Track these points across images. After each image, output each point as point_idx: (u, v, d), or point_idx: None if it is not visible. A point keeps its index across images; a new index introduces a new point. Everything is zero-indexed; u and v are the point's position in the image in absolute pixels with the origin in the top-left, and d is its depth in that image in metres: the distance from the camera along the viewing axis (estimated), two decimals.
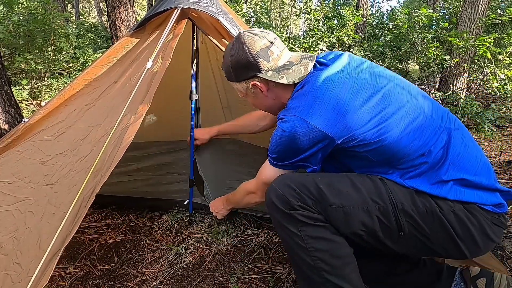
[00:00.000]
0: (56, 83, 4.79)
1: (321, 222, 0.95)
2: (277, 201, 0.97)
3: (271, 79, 1.03)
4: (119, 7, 3.97)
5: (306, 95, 0.97)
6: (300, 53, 1.09)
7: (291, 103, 1.00)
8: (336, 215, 0.93)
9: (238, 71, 1.07)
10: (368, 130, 0.92)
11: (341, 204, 0.93)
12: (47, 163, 1.13)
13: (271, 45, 1.03)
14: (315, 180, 0.97)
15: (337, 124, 0.92)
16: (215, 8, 1.34)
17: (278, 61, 1.04)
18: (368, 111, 0.93)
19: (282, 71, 1.04)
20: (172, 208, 1.85)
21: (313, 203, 0.94)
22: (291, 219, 0.96)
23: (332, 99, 0.93)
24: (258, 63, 1.02)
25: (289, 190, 0.96)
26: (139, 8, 14.49)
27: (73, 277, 1.38)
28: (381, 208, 0.92)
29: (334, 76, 0.98)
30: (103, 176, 1.00)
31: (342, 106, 0.92)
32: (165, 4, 1.34)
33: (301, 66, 1.04)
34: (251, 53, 1.01)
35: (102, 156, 1.02)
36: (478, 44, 3.91)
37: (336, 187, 0.95)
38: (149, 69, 1.18)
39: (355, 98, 0.93)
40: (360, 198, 0.94)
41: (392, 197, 0.93)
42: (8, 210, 1.04)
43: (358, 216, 0.93)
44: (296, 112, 0.95)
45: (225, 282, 1.37)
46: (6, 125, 2.52)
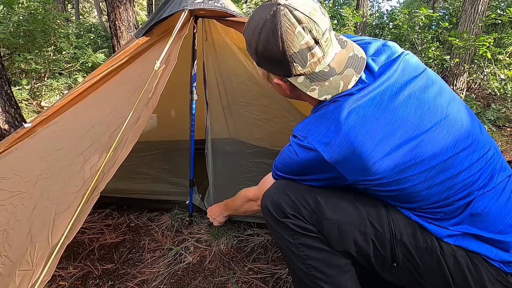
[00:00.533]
0: (56, 83, 4.79)
1: (313, 233, 0.90)
2: (272, 207, 0.94)
3: (300, 87, 0.85)
4: (119, 7, 3.98)
5: (330, 122, 0.81)
6: (348, 50, 0.85)
7: (312, 123, 0.85)
8: (330, 230, 0.88)
9: (262, 60, 0.86)
10: (388, 180, 0.81)
11: (337, 220, 0.87)
12: (46, 159, 1.14)
13: (315, 46, 0.79)
14: (315, 191, 0.92)
15: (354, 168, 0.80)
16: (219, 4, 1.35)
17: (317, 66, 0.82)
18: (394, 159, 0.78)
19: (316, 81, 0.83)
20: (172, 208, 1.85)
21: (308, 214, 0.90)
22: (284, 227, 0.92)
23: (358, 139, 0.78)
24: (290, 67, 0.81)
25: (285, 198, 0.92)
26: (139, 8, 14.49)
27: (73, 277, 1.38)
28: (378, 234, 0.86)
29: (369, 107, 0.80)
30: (106, 174, 1.00)
31: (365, 152, 0.78)
32: (170, 8, 1.35)
33: (342, 79, 0.83)
34: (286, 53, 0.79)
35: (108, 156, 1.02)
36: (478, 44, 3.91)
37: (335, 202, 0.89)
38: (156, 71, 1.19)
39: (385, 142, 0.78)
40: (358, 218, 0.87)
41: (392, 226, 0.86)
42: (3, 205, 1.04)
43: (352, 236, 0.87)
44: (314, 141, 0.82)
45: (225, 282, 1.37)
46: (6, 125, 2.52)
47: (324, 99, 0.85)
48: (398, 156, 0.78)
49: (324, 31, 0.79)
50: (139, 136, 1.07)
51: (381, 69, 0.85)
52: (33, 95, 4.52)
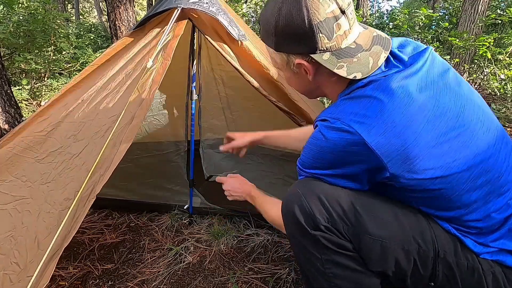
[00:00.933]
0: (56, 83, 4.79)
1: (347, 251, 0.77)
2: (300, 214, 0.78)
3: (326, 65, 0.76)
4: (119, 7, 3.98)
5: (371, 100, 0.73)
6: (371, 31, 0.80)
7: (345, 104, 0.76)
8: (371, 248, 0.76)
9: (283, 39, 0.78)
10: (430, 177, 0.72)
11: (380, 236, 0.75)
12: (43, 161, 1.13)
13: (341, 16, 0.72)
14: (351, 198, 0.78)
15: (398, 155, 0.70)
16: (215, 8, 1.34)
17: (343, 40, 0.75)
18: (438, 154, 0.71)
19: (344, 57, 0.76)
20: (172, 209, 1.85)
21: (344, 227, 0.76)
22: (312, 240, 0.78)
23: (403, 120, 0.70)
24: (316, 38, 0.73)
25: (316, 202, 0.77)
26: (139, 8, 14.50)
27: (73, 277, 1.38)
28: (421, 251, 0.76)
29: (412, 87, 0.73)
30: (102, 176, 1.00)
31: (412, 136, 0.70)
32: (165, 4, 1.34)
33: (370, 56, 0.76)
34: (311, 21, 0.71)
35: (101, 157, 1.02)
36: (478, 44, 3.91)
37: (377, 214, 0.77)
38: (149, 68, 1.18)
39: (429, 130, 0.71)
40: (403, 233, 0.76)
41: (436, 242, 0.77)
42: (5, 209, 1.04)
43: (395, 255, 0.76)
44: (350, 121, 0.72)
45: (225, 282, 1.37)
46: (6, 125, 2.52)
47: (353, 77, 0.75)
48: (443, 151, 0.71)
49: (349, 3, 0.74)
50: (134, 137, 1.07)
51: (411, 58, 0.79)
52: (33, 95, 4.52)
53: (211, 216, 1.79)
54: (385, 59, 0.77)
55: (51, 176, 1.08)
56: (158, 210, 1.86)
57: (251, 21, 9.32)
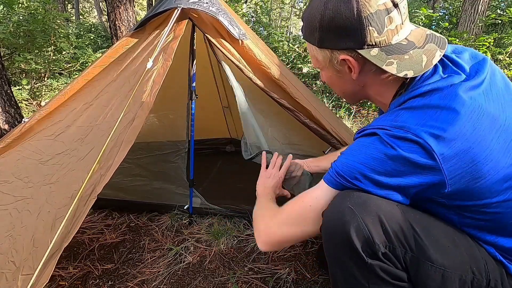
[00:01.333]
0: (56, 83, 4.79)
1: (402, 282, 0.69)
2: (357, 240, 0.67)
3: (374, 61, 0.70)
4: (119, 7, 3.98)
5: (439, 111, 0.66)
6: (424, 30, 0.74)
7: (406, 114, 0.69)
8: (430, 276, 0.67)
9: (328, 33, 0.72)
10: (495, 199, 0.67)
11: (443, 264, 0.67)
12: (47, 163, 1.14)
13: (394, 9, 0.67)
14: (408, 216, 0.69)
15: (464, 172, 0.64)
16: (215, 8, 1.34)
17: (394, 35, 0.69)
18: (507, 175, 0.65)
19: (394, 53, 0.70)
20: (172, 209, 1.85)
21: (402, 252, 0.67)
22: (365, 270, 0.69)
23: (475, 134, 0.64)
24: (365, 32, 0.68)
25: (376, 224, 0.67)
26: (139, 8, 14.50)
27: (73, 277, 1.38)
28: (475, 281, 0.69)
29: (482, 99, 0.66)
30: (103, 176, 1.00)
31: (483, 153, 0.64)
32: (165, 4, 1.34)
33: (424, 54, 0.69)
34: (361, 14, 0.67)
35: (102, 157, 1.02)
36: (478, 44, 3.91)
37: (437, 238, 0.69)
38: (149, 69, 1.18)
39: (502, 148, 0.65)
40: (462, 261, 0.69)
41: (488, 270, 0.71)
42: (6, 209, 1.05)
43: (453, 285, 0.68)
44: (420, 131, 0.64)
45: (225, 282, 1.37)
46: (6, 125, 2.52)
47: (404, 76, 0.69)
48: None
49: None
50: (135, 137, 1.07)
51: (473, 68, 0.72)
52: (33, 95, 4.52)
53: (211, 216, 1.79)
54: (440, 58, 0.70)
55: (55, 177, 1.08)
56: (158, 210, 1.86)
57: (251, 21, 9.32)
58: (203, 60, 2.28)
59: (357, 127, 3.86)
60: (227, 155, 2.78)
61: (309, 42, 0.80)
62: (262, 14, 10.01)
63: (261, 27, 8.54)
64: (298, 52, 5.66)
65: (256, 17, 9.72)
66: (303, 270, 1.43)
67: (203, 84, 1.95)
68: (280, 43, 6.16)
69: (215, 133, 2.83)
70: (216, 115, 2.74)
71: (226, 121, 2.81)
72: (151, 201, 1.85)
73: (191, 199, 1.75)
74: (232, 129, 2.84)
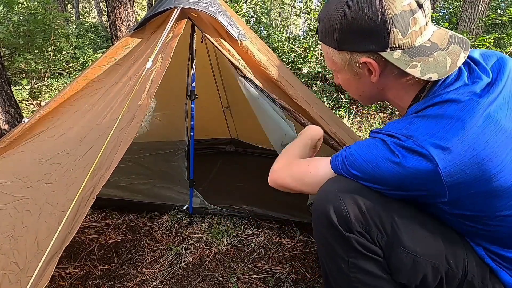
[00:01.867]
0: (56, 83, 4.80)
1: (377, 256, 0.76)
2: (336, 216, 0.74)
3: (397, 63, 0.68)
4: (119, 7, 3.98)
5: (453, 122, 0.64)
6: (446, 31, 0.73)
7: (419, 122, 0.68)
8: (403, 260, 0.74)
9: (349, 35, 0.71)
10: (496, 213, 0.67)
11: (415, 250, 0.73)
12: (47, 163, 1.14)
13: (418, 10, 0.66)
14: (390, 207, 0.74)
15: (467, 188, 0.65)
16: (214, 8, 1.34)
17: (418, 37, 0.68)
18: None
19: (418, 56, 0.68)
20: (172, 209, 1.85)
21: (378, 236, 0.74)
22: (344, 242, 0.75)
23: (486, 151, 0.62)
24: (389, 34, 0.66)
25: (354, 208, 0.73)
26: (139, 8, 14.50)
27: (73, 277, 1.38)
28: (450, 271, 0.74)
29: (502, 113, 0.64)
30: (102, 176, 1.00)
31: (490, 171, 0.63)
32: (164, 4, 1.34)
33: (448, 55, 0.68)
34: (385, 15, 0.65)
35: (101, 156, 1.02)
36: (478, 44, 3.91)
37: (415, 228, 0.75)
38: (149, 69, 1.19)
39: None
40: (437, 251, 0.74)
41: (466, 266, 0.74)
42: (5, 209, 1.05)
43: (424, 270, 0.74)
44: (425, 142, 0.65)
45: (225, 282, 1.37)
46: (6, 125, 2.52)
47: (428, 79, 0.67)
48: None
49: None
50: (134, 136, 1.07)
51: (493, 69, 0.71)
52: (33, 95, 4.52)
53: (211, 216, 1.80)
54: (464, 61, 0.69)
55: (53, 177, 1.08)
56: (158, 210, 1.86)
57: (251, 21, 9.32)
58: (203, 60, 2.28)
59: (357, 127, 3.86)
60: (227, 155, 2.79)
61: (325, 44, 0.78)
62: (262, 14, 10.02)
63: (261, 27, 8.54)
64: (298, 52, 5.66)
65: (256, 17, 9.73)
66: (303, 270, 1.43)
67: (203, 84, 1.95)
68: (280, 43, 6.16)
69: (215, 133, 2.83)
70: (216, 115, 2.74)
71: (226, 121, 2.81)
72: (151, 201, 1.85)
73: (191, 199, 1.75)
74: (232, 129, 2.84)
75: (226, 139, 2.88)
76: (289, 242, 1.60)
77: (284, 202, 1.70)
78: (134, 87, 1.16)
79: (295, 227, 1.71)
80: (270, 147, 2.71)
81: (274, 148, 1.42)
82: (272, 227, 1.73)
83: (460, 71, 0.71)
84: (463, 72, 0.71)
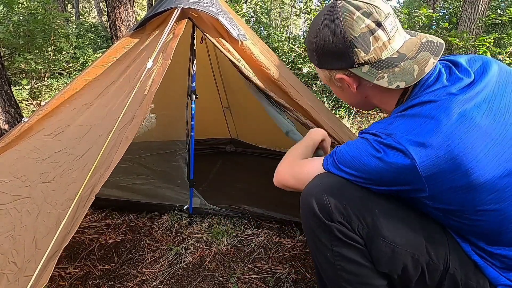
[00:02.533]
0: (56, 83, 4.80)
1: (358, 244, 0.80)
2: (318, 207, 0.80)
3: (365, 77, 0.77)
4: (119, 7, 3.98)
5: (427, 120, 0.70)
6: (420, 37, 0.78)
7: (399, 121, 0.74)
8: (382, 250, 0.78)
9: (323, 56, 0.82)
10: (476, 208, 0.70)
11: (394, 241, 0.77)
12: (44, 162, 1.13)
13: (377, 28, 0.73)
14: (372, 202, 0.79)
15: (444, 183, 0.69)
16: (215, 8, 1.34)
17: (383, 51, 0.75)
18: (496, 187, 0.68)
19: (384, 68, 0.76)
20: (172, 209, 1.85)
21: (359, 226, 0.79)
22: (326, 230, 0.81)
23: (460, 146, 0.66)
24: (352, 53, 0.76)
25: (336, 201, 0.79)
26: (139, 8, 14.50)
27: (73, 277, 1.38)
28: (431, 263, 0.78)
29: (477, 110, 0.69)
30: (102, 176, 1.00)
31: (465, 165, 0.66)
32: (165, 4, 1.34)
33: (416, 63, 0.74)
34: (346, 38, 0.75)
35: (101, 156, 1.02)
36: (478, 44, 3.91)
37: (395, 220, 0.79)
38: (149, 69, 1.18)
39: (491, 159, 0.67)
40: (416, 243, 0.78)
41: (448, 259, 0.78)
42: (5, 208, 1.04)
43: (404, 260, 0.78)
44: (403, 139, 0.70)
45: (225, 282, 1.37)
46: (6, 125, 2.52)
47: (396, 87, 0.74)
48: (505, 179, 0.67)
49: (387, 14, 0.74)
50: (133, 136, 1.07)
51: (478, 75, 0.75)
52: (33, 95, 4.52)
53: (211, 216, 1.80)
54: (434, 65, 0.74)
55: (51, 176, 1.08)
56: (158, 210, 1.86)
57: (251, 21, 9.32)
58: (203, 60, 2.28)
59: (357, 127, 3.86)
60: (227, 155, 2.79)
61: (312, 63, 0.89)
62: (262, 14, 10.01)
63: (261, 27, 8.54)
64: (298, 52, 5.66)
65: (256, 17, 9.72)
66: (303, 270, 1.43)
67: (203, 84, 1.95)
68: (280, 43, 6.16)
69: (215, 133, 2.83)
70: (216, 115, 2.75)
71: (226, 121, 2.81)
72: (151, 201, 1.85)
73: (191, 199, 1.75)
74: (232, 129, 2.84)
75: (226, 139, 2.88)
76: (289, 242, 1.60)
77: (284, 202, 1.70)
78: (134, 87, 1.16)
79: (295, 227, 1.71)
80: (270, 147, 2.71)
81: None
82: (272, 227, 1.73)
83: (439, 74, 0.77)
84: (442, 74, 0.76)
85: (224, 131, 2.85)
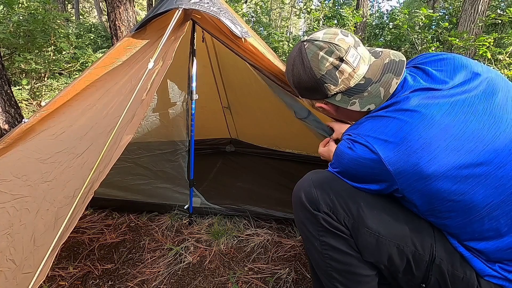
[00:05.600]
0: (56, 83, 4.79)
1: (343, 234, 0.85)
2: (306, 199, 0.88)
3: (340, 105, 0.89)
4: (119, 7, 3.97)
5: (390, 120, 0.79)
6: (383, 58, 0.87)
7: (367, 122, 0.84)
8: (367, 240, 0.83)
9: (300, 90, 0.95)
10: (446, 199, 0.75)
11: (378, 231, 0.82)
12: (46, 162, 1.13)
13: (341, 64, 0.84)
14: (358, 196, 0.85)
15: (409, 174, 0.75)
16: (216, 8, 1.34)
17: (350, 80, 0.85)
18: (457, 179, 0.73)
19: (355, 94, 0.87)
20: (172, 209, 1.85)
21: (344, 217, 0.84)
22: (313, 220, 0.87)
23: (420, 141, 0.74)
24: (324, 88, 0.87)
25: (323, 195, 0.86)
26: (139, 8, 14.50)
27: (73, 277, 1.38)
28: (417, 254, 0.82)
29: (436, 109, 0.76)
30: (101, 173, 0.99)
31: (426, 157, 0.73)
32: (166, 5, 1.34)
33: (381, 86, 0.84)
34: (315, 77, 0.86)
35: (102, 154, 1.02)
36: (478, 44, 3.91)
37: (379, 212, 0.84)
38: (150, 70, 1.18)
39: (449, 153, 0.73)
40: (401, 234, 0.82)
41: (434, 249, 0.82)
42: (3, 207, 1.04)
43: (389, 250, 0.83)
44: (369, 138, 0.79)
45: (225, 282, 1.37)
46: (6, 125, 2.52)
47: (367, 110, 0.86)
48: (464, 170, 0.72)
49: (347, 49, 0.84)
50: (133, 133, 1.07)
51: (449, 76, 0.82)
52: (33, 95, 4.52)
53: (211, 216, 1.80)
54: (397, 85, 0.83)
55: (52, 175, 1.08)
56: (158, 210, 1.86)
57: (251, 21, 9.31)
58: (203, 60, 2.28)
59: None
60: (227, 155, 2.79)
61: (295, 92, 0.99)
62: (262, 14, 10.02)
63: (261, 27, 8.55)
64: None
65: (256, 17, 9.72)
66: (303, 270, 1.43)
67: (203, 84, 1.94)
68: (280, 43, 6.16)
69: (215, 133, 2.83)
70: (216, 115, 2.74)
71: (226, 121, 2.81)
72: (151, 201, 1.85)
73: (191, 199, 1.75)
74: (232, 129, 2.84)
75: (226, 139, 2.88)
76: (289, 242, 1.60)
77: (284, 201, 1.70)
78: (136, 87, 1.15)
79: (295, 227, 1.71)
80: (270, 147, 2.71)
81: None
82: (272, 227, 1.73)
83: (405, 81, 0.85)
84: (407, 81, 0.85)
85: (224, 131, 2.85)
